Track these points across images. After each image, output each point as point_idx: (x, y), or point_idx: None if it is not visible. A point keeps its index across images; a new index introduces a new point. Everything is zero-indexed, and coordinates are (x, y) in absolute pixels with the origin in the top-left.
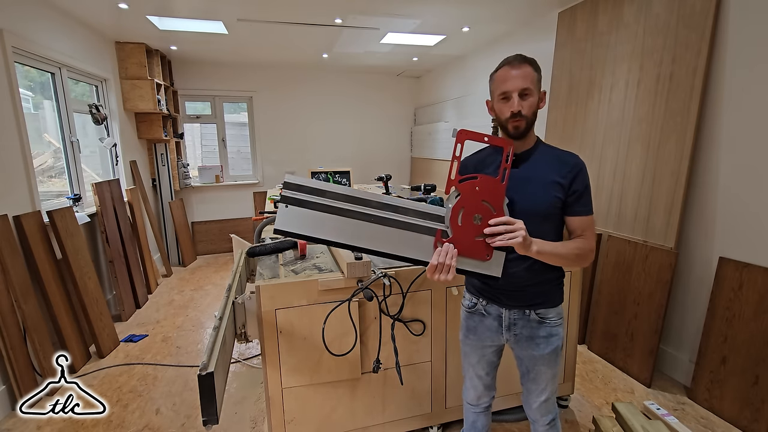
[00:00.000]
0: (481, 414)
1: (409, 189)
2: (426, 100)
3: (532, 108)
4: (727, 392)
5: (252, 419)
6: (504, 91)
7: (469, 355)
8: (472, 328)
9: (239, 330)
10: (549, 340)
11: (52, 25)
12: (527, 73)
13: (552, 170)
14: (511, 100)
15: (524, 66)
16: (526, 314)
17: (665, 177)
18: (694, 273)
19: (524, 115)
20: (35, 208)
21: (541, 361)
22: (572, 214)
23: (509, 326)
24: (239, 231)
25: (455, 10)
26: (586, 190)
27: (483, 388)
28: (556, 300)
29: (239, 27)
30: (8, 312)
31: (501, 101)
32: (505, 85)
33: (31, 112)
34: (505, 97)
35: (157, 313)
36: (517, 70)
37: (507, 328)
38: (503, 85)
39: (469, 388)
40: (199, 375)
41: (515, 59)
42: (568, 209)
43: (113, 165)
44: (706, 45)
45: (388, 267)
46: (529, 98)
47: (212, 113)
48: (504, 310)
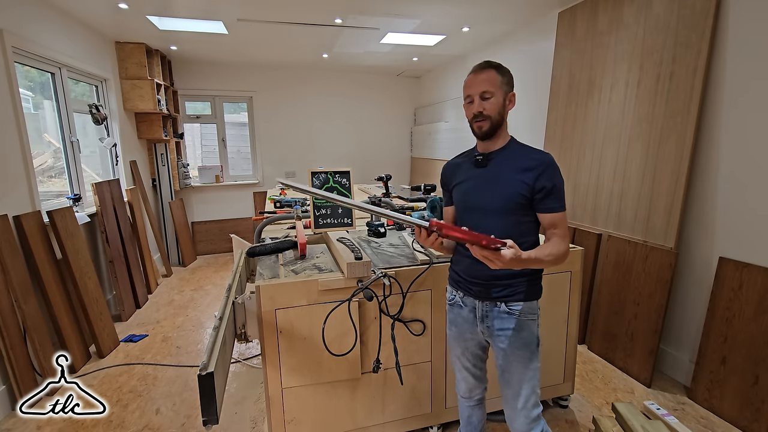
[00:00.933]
0: (476, 408)
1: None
2: (426, 100)
3: (495, 108)
4: (727, 392)
5: (252, 419)
6: (467, 95)
7: (453, 347)
8: (452, 320)
9: (239, 330)
10: (519, 335)
11: (52, 25)
12: (489, 77)
13: (518, 168)
14: (473, 103)
15: (487, 71)
16: (497, 306)
17: (665, 177)
18: (694, 273)
19: (486, 116)
20: (35, 208)
21: (512, 357)
22: (542, 210)
23: (482, 318)
24: (239, 231)
25: (455, 10)
26: (554, 188)
27: (473, 379)
28: (529, 295)
29: (239, 27)
30: (8, 312)
31: (467, 105)
32: (468, 89)
33: (31, 112)
34: (470, 101)
35: (157, 313)
36: (480, 75)
37: (481, 320)
38: (467, 89)
39: (460, 381)
40: (199, 375)
41: (479, 66)
42: (537, 206)
43: (113, 165)
44: (706, 45)
45: (388, 267)
46: (490, 99)
47: (212, 113)
48: (477, 302)
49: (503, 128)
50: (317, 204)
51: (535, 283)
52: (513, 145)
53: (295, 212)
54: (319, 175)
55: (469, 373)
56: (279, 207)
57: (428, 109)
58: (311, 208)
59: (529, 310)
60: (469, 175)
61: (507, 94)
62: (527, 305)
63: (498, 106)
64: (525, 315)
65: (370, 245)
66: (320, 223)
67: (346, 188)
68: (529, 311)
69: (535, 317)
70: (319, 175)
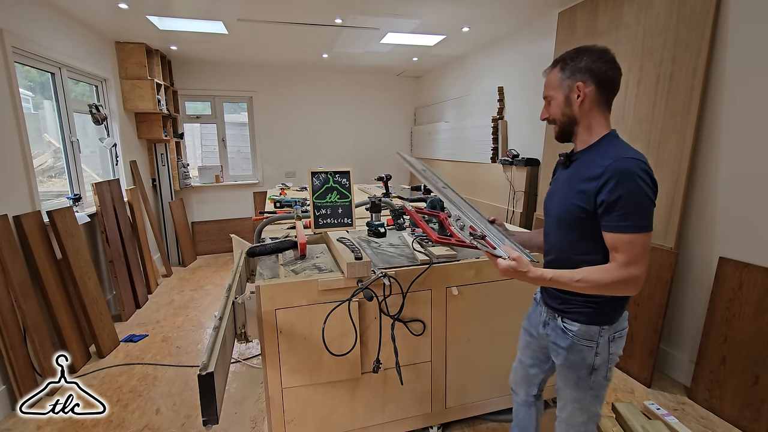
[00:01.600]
0: (521, 406)
1: (409, 189)
2: (426, 100)
3: (558, 109)
4: (727, 392)
5: (252, 419)
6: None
7: (521, 336)
8: (529, 313)
9: (239, 330)
10: (570, 357)
11: (52, 25)
12: (549, 79)
13: (584, 175)
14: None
15: (550, 72)
16: (555, 319)
17: (665, 177)
18: (694, 273)
19: (552, 119)
20: (35, 208)
21: (559, 372)
22: (604, 229)
23: (544, 324)
24: (239, 231)
25: (455, 10)
26: (619, 202)
27: (521, 373)
28: (584, 318)
29: (239, 27)
30: (8, 312)
31: None
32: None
33: (31, 112)
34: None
35: (157, 313)
36: (545, 79)
37: (543, 325)
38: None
39: (512, 370)
40: (199, 375)
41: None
42: (601, 222)
43: (113, 165)
44: (706, 45)
45: (388, 267)
46: (551, 102)
47: (212, 113)
48: (544, 307)
49: (583, 126)
50: (317, 204)
51: (599, 307)
52: (602, 144)
53: (295, 212)
54: (319, 175)
55: (520, 366)
56: (279, 207)
57: (428, 109)
58: (311, 208)
59: (586, 335)
60: (556, 176)
61: (570, 89)
62: (583, 328)
63: (560, 105)
64: (580, 339)
65: (370, 245)
66: (320, 223)
67: (346, 188)
68: (586, 336)
69: (592, 345)
70: (319, 175)
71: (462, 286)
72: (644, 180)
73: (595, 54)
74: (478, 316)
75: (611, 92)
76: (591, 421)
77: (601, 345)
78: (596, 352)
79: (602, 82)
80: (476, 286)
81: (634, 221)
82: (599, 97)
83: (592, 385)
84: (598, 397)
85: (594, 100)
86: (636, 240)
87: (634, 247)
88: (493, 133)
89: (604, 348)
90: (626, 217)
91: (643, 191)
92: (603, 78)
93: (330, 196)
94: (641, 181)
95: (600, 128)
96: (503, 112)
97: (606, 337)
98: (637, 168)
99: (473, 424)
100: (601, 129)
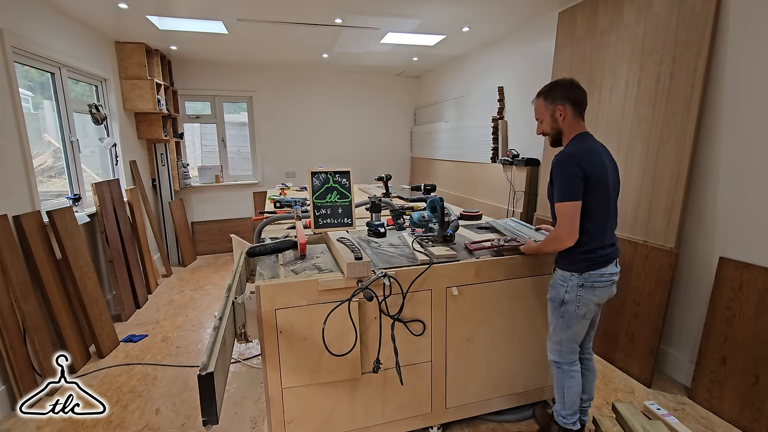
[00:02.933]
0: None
1: (409, 189)
2: (426, 100)
3: (548, 126)
4: (727, 392)
5: (252, 419)
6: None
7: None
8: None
9: (239, 330)
10: (551, 288)
11: (52, 25)
12: (537, 106)
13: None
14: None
15: (535, 101)
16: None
17: (665, 177)
18: (694, 273)
19: (545, 133)
20: (35, 208)
21: (549, 304)
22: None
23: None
24: (239, 231)
25: (455, 10)
26: (554, 178)
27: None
28: (561, 263)
29: (239, 27)
30: (8, 312)
31: None
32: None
33: (31, 112)
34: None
35: (157, 313)
36: (534, 106)
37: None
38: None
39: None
40: (199, 375)
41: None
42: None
43: (113, 165)
44: (706, 45)
45: (388, 267)
46: (542, 122)
47: (212, 113)
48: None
49: (566, 134)
50: (317, 204)
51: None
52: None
53: (295, 212)
54: (319, 175)
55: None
56: (279, 207)
57: (428, 108)
58: (311, 208)
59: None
60: None
61: (554, 111)
62: (560, 273)
63: (548, 124)
64: (557, 279)
65: (370, 245)
66: (320, 223)
67: (346, 188)
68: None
69: (562, 282)
70: (319, 175)
71: (462, 286)
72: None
73: (566, 85)
74: (478, 316)
75: (582, 107)
76: (562, 344)
77: (569, 286)
78: (566, 290)
79: (573, 102)
80: (476, 286)
81: (561, 194)
82: (573, 112)
83: (562, 313)
84: (569, 327)
85: (571, 115)
86: (558, 207)
87: (560, 212)
88: (493, 133)
89: (573, 289)
90: (559, 192)
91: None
92: (574, 100)
93: (330, 196)
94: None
95: (574, 133)
96: (503, 112)
97: (575, 281)
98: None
99: (473, 424)
100: (574, 133)
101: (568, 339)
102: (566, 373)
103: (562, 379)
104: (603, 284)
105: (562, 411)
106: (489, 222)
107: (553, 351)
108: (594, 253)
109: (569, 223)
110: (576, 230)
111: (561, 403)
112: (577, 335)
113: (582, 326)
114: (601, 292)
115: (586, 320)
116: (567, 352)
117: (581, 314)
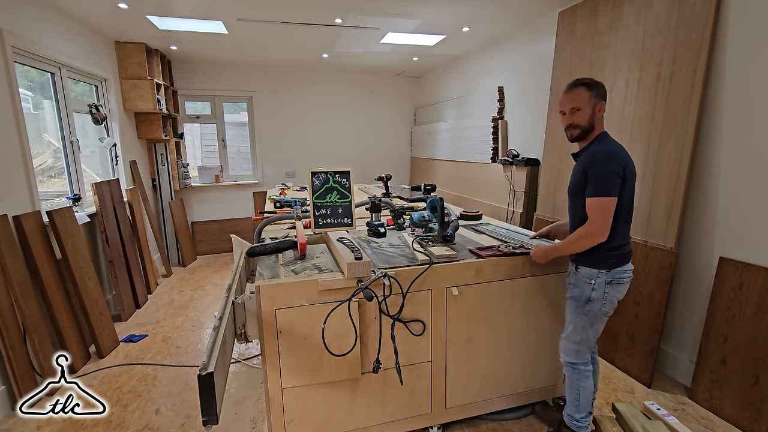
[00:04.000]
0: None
1: (409, 189)
2: (426, 100)
3: (585, 118)
4: (727, 392)
5: (252, 419)
6: (560, 111)
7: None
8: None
9: (239, 330)
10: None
11: (52, 25)
12: (577, 94)
13: (584, 161)
14: (564, 117)
15: (576, 89)
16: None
17: (665, 177)
18: (694, 273)
19: (576, 125)
20: (35, 208)
21: (568, 302)
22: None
23: (568, 275)
24: (239, 231)
25: (455, 10)
26: (591, 176)
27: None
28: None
29: (239, 27)
30: (8, 312)
31: (560, 116)
32: (561, 106)
33: (31, 112)
34: (563, 114)
35: (157, 313)
36: (570, 94)
37: (567, 276)
38: (560, 106)
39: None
40: (199, 375)
41: (570, 85)
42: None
43: (113, 165)
44: (706, 45)
45: (388, 267)
46: (579, 112)
47: (212, 113)
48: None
49: (596, 131)
50: (317, 204)
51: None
52: (594, 143)
53: (295, 212)
54: (319, 175)
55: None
56: (279, 207)
57: (428, 109)
58: (311, 208)
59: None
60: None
61: (596, 104)
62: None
63: (586, 115)
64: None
65: (370, 245)
66: (320, 223)
67: (346, 188)
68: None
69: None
70: (319, 175)
71: (462, 286)
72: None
73: (603, 86)
74: (478, 316)
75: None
76: (581, 344)
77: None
78: (593, 288)
79: (605, 102)
80: (476, 286)
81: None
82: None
83: (586, 312)
84: (592, 325)
85: (602, 115)
86: (592, 203)
87: (593, 208)
88: (493, 133)
89: (600, 286)
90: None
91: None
92: (605, 99)
93: (330, 196)
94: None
95: (600, 131)
96: (503, 112)
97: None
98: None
99: (473, 424)
100: (600, 131)
101: (588, 338)
102: (582, 374)
103: (578, 380)
104: (626, 281)
105: (576, 414)
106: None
107: (570, 352)
108: (620, 250)
109: (603, 218)
110: (609, 226)
111: (575, 406)
112: (597, 333)
113: (603, 324)
114: (623, 289)
115: (606, 318)
116: (584, 352)
117: (606, 311)
